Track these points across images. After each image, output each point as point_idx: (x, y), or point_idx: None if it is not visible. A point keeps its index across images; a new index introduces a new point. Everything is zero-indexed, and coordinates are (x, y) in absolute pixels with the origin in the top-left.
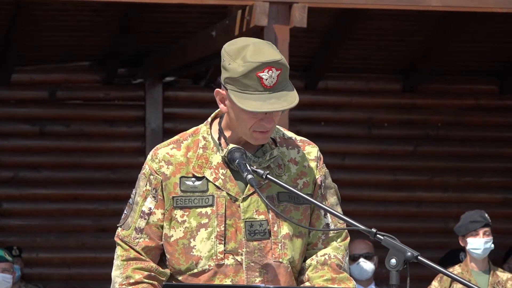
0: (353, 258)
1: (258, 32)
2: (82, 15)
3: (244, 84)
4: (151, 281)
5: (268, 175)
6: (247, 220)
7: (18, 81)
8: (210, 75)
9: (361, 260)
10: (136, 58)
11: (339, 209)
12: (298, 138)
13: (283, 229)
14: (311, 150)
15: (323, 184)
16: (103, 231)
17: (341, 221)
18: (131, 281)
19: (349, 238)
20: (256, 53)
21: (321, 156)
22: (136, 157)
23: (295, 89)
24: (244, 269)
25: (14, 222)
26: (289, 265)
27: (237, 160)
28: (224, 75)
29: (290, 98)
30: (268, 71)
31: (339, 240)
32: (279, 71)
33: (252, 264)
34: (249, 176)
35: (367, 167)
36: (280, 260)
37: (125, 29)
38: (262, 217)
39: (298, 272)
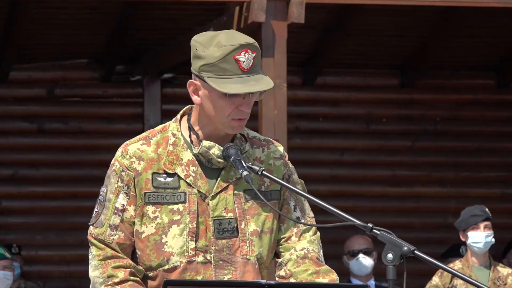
0: (352, 254)
1: (256, 28)
2: (79, 12)
3: (222, 69)
4: (136, 278)
5: (263, 171)
6: (215, 218)
7: (16, 79)
8: None
9: (360, 255)
10: (134, 55)
11: (306, 204)
12: (262, 137)
13: (251, 226)
14: (276, 149)
15: (290, 179)
16: None
17: (309, 215)
18: (116, 280)
19: (319, 233)
20: (230, 38)
21: (286, 154)
22: None
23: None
24: (212, 266)
25: (13, 220)
26: (256, 262)
27: (233, 157)
28: (198, 63)
29: (267, 81)
30: (244, 53)
31: (310, 233)
32: (255, 54)
33: (221, 262)
34: (245, 173)
35: (365, 163)
36: (248, 257)
37: (123, 26)
38: (230, 214)
39: (276, 267)
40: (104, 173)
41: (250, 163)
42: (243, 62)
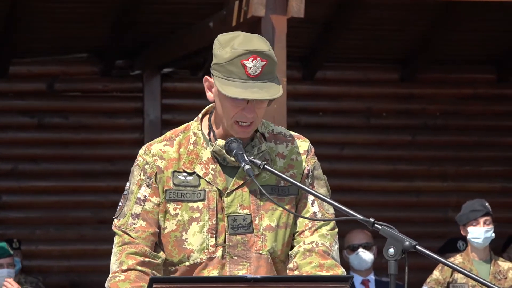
0: (352, 248)
1: (255, 23)
2: (80, 6)
3: (228, 71)
4: (144, 269)
5: (265, 165)
6: (229, 215)
7: (16, 74)
8: (208, 66)
9: (360, 250)
10: (134, 50)
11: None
12: (288, 133)
13: (264, 221)
14: (301, 144)
15: (310, 173)
16: (103, 223)
17: (329, 211)
18: (124, 267)
19: (337, 229)
20: (245, 42)
21: (312, 149)
22: (135, 148)
23: (281, 85)
24: (227, 262)
25: (13, 214)
26: (269, 256)
27: (234, 151)
28: (212, 61)
29: (273, 90)
30: (252, 60)
31: (327, 227)
32: (265, 62)
33: (235, 258)
34: (246, 166)
35: (365, 157)
36: (261, 252)
37: (123, 20)
38: (246, 211)
39: (285, 261)
40: (104, 168)
41: (252, 157)
42: (250, 68)
